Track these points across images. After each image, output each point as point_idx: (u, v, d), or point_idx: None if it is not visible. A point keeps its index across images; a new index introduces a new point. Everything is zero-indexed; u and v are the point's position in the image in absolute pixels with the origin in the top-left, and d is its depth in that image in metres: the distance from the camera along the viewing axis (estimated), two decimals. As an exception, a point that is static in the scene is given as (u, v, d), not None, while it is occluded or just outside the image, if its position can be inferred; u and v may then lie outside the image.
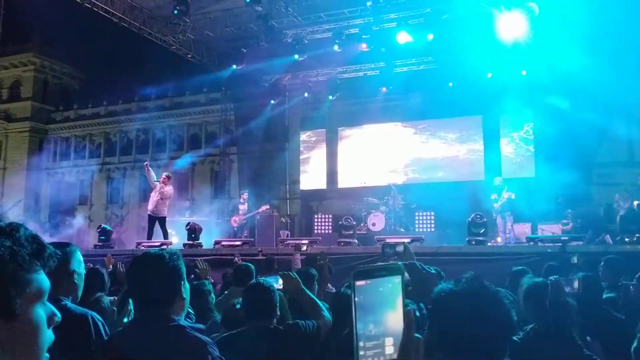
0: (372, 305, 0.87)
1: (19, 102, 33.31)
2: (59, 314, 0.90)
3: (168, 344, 1.72)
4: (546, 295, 2.50)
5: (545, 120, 14.28)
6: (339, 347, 2.77)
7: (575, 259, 5.44)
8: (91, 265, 5.81)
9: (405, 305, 0.87)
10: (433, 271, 1.92)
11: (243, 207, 13.72)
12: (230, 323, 2.86)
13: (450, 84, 15.58)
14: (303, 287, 2.95)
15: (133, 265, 1.90)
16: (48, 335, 0.87)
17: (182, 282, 1.85)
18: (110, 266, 6.05)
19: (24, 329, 0.84)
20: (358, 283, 0.89)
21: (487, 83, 14.80)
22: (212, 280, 5.49)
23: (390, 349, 0.86)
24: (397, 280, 0.88)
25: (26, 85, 33.61)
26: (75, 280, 2.09)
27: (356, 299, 0.88)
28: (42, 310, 0.87)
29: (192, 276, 4.53)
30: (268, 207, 13.49)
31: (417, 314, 1.52)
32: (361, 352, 0.86)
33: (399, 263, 0.93)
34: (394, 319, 0.87)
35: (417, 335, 0.87)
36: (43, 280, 0.88)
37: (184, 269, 1.89)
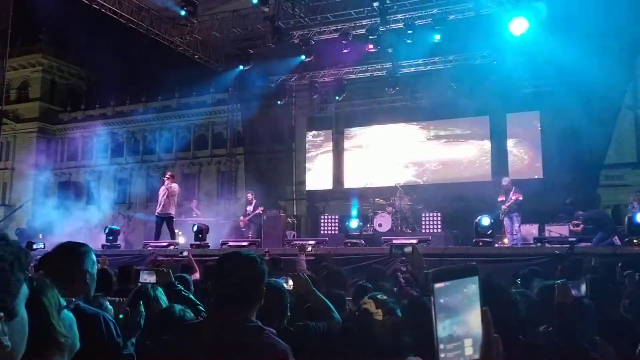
0: (452, 307, 0.88)
1: (27, 102, 33.58)
2: None
3: (248, 343, 1.76)
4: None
5: (553, 121, 14.23)
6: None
7: (592, 262, 5.42)
8: (99, 266, 5.86)
9: (482, 305, 0.87)
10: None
11: (249, 208, 13.78)
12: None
13: (457, 85, 15.55)
14: (313, 287, 2.96)
15: (224, 262, 1.93)
16: None
17: (264, 287, 1.92)
18: (105, 266, 6.08)
19: None
20: (437, 285, 0.89)
21: (494, 83, 14.75)
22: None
23: (469, 349, 0.87)
24: (475, 280, 0.89)
25: (34, 86, 33.87)
26: (88, 281, 2.10)
27: (438, 301, 0.88)
28: None
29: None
30: (262, 208, 13.58)
31: None
32: (442, 355, 0.86)
33: (474, 263, 0.93)
34: (473, 319, 0.87)
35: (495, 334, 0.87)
36: None
37: None
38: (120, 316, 2.39)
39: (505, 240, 11.48)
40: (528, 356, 1.78)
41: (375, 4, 12.88)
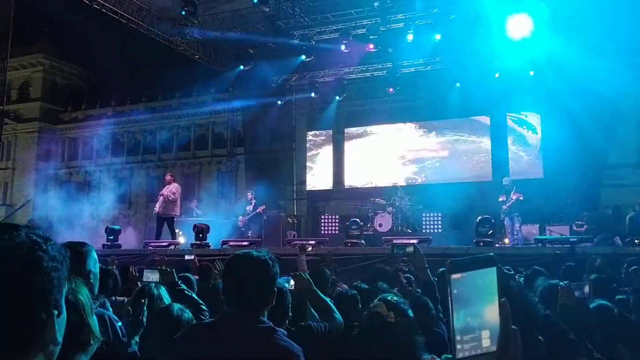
0: (469, 298, 0.87)
1: (28, 102, 33.57)
2: None
3: (261, 345, 1.78)
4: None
5: (554, 120, 14.19)
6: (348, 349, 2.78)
7: (598, 261, 5.45)
8: (102, 266, 5.87)
9: (500, 297, 0.86)
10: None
11: (249, 208, 13.82)
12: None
13: (458, 84, 15.54)
14: (315, 288, 2.95)
15: (235, 263, 1.94)
16: None
17: (275, 289, 1.95)
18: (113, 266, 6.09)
19: None
20: (454, 276, 0.88)
21: (495, 83, 14.74)
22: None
23: (486, 341, 0.86)
24: (493, 271, 0.88)
25: (35, 86, 33.85)
26: (91, 280, 2.10)
27: (453, 292, 0.88)
28: None
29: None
30: (264, 207, 13.62)
31: None
32: (458, 346, 0.86)
33: (493, 254, 0.92)
34: (490, 311, 0.86)
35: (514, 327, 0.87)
36: None
37: None
38: (119, 323, 2.36)
39: (506, 241, 11.49)
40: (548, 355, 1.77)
41: (376, 4, 12.89)
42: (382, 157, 17.61)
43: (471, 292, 0.87)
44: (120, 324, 2.09)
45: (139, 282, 3.39)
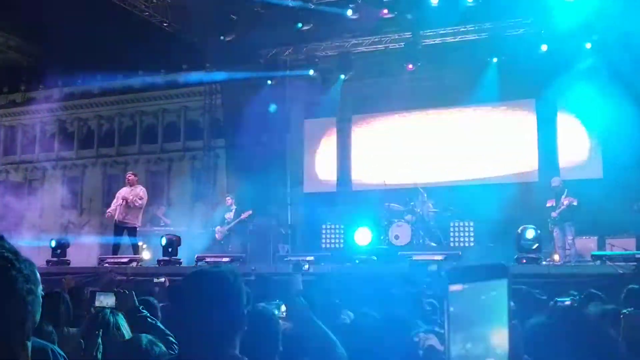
0: (470, 318, 0.87)
1: (-47, 82, 33.71)
2: None
3: None
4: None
5: (617, 106, 14.17)
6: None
7: None
8: (50, 289, 5.91)
9: (511, 318, 0.86)
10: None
11: (229, 215, 13.88)
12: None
13: (495, 60, 15.54)
14: (312, 315, 2.98)
15: (187, 287, 1.96)
16: None
17: (245, 310, 1.95)
18: (69, 288, 6.16)
19: None
20: (453, 288, 0.88)
21: (542, 58, 14.74)
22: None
23: None
24: (503, 284, 0.88)
25: (-38, 61, 34.00)
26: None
27: (450, 309, 0.88)
28: None
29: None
30: (250, 212, 13.66)
31: None
32: None
33: (504, 262, 0.93)
34: (497, 335, 0.86)
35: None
36: None
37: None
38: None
39: (556, 257, 11.54)
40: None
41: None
42: (399, 152, 17.63)
43: (473, 310, 0.87)
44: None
45: (91, 308, 3.42)
